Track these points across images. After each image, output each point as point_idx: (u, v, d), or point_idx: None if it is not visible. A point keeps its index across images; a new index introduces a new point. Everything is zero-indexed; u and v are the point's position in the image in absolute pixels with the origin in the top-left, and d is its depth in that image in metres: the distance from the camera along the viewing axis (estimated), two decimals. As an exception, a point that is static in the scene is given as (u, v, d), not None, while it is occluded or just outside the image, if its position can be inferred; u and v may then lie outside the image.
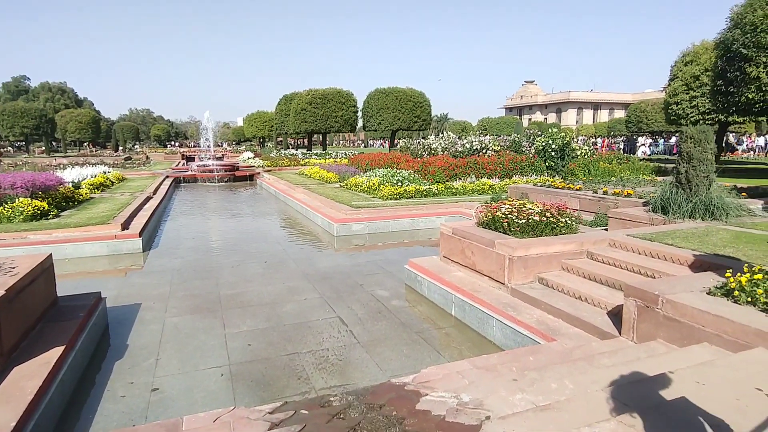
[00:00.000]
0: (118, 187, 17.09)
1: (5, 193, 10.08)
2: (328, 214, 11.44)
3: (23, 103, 55.44)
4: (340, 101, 42.65)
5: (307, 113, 42.35)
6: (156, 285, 7.10)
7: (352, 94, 43.94)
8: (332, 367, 4.49)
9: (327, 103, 42.21)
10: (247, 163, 30.78)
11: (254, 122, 70.08)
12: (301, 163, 29.64)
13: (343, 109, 42.78)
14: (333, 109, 42.33)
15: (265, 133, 68.65)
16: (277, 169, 27.49)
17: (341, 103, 42.67)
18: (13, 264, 4.54)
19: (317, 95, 42.53)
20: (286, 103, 49.03)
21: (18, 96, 74.10)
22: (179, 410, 3.76)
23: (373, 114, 43.41)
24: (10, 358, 3.78)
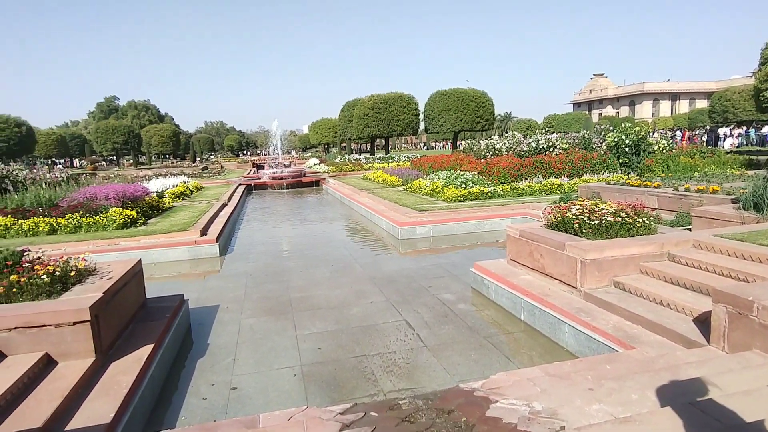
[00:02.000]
0: (197, 196, 18.24)
1: (101, 204, 11.09)
2: (392, 217, 11.53)
3: (114, 121, 60.73)
4: (402, 105, 42.88)
5: (370, 118, 42.96)
6: (232, 288, 7.50)
7: (413, 97, 44.04)
8: (400, 370, 4.52)
9: (389, 108, 42.59)
10: (313, 169, 31.72)
11: (319, 129, 72.14)
12: (364, 168, 30.10)
13: (405, 112, 42.97)
14: (395, 113, 42.64)
15: (329, 139, 70.46)
16: (342, 174, 28.10)
17: (402, 106, 42.89)
18: (109, 269, 4.99)
19: (379, 100, 43.03)
20: (349, 110, 50.05)
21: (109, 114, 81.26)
22: (255, 408, 3.96)
23: (435, 116, 43.23)
24: (107, 355, 4.16)
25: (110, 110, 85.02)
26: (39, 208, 11.17)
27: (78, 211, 10.74)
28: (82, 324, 3.83)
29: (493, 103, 43.70)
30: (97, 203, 11.15)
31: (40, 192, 12.53)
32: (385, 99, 42.97)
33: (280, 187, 25.21)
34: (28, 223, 10.26)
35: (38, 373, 3.63)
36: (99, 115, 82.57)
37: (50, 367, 3.76)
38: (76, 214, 10.60)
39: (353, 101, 50.04)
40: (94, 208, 10.93)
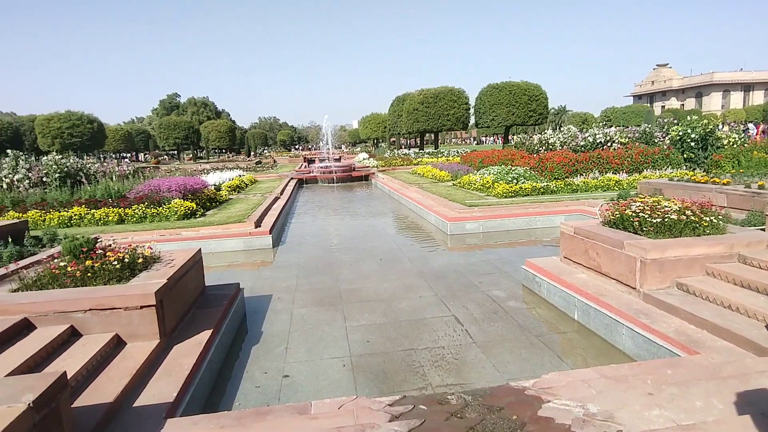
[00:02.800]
0: (251, 189, 18.88)
1: (164, 196, 11.72)
2: (442, 212, 11.46)
3: (175, 117, 63.79)
4: (452, 99, 42.42)
5: (419, 113, 42.78)
6: (284, 278, 7.73)
7: (463, 91, 43.46)
8: (448, 365, 4.51)
9: (438, 102, 42.24)
10: (362, 164, 32.01)
11: (368, 124, 72.66)
12: (413, 163, 30.04)
13: (455, 107, 42.49)
14: (445, 108, 42.25)
15: (378, 134, 70.81)
16: (391, 168, 28.18)
17: (453, 101, 42.42)
18: (172, 257, 5.27)
19: (429, 95, 42.75)
20: (399, 104, 50.05)
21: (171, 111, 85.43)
22: (306, 395, 4.07)
23: (486, 110, 42.45)
24: (170, 338, 4.40)
25: (172, 107, 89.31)
26: (109, 199, 11.95)
27: (143, 202, 11.40)
28: (148, 308, 4.08)
29: (547, 97, 42.37)
30: (161, 195, 11.79)
31: (109, 184, 13.39)
32: (435, 93, 42.64)
33: (330, 182, 25.62)
34: (99, 213, 11.01)
35: (109, 352, 3.90)
36: (162, 112, 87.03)
37: (120, 347, 4.03)
38: (141, 205, 11.26)
39: (403, 96, 50.00)
40: (158, 199, 11.56)
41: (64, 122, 42.10)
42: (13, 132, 49.04)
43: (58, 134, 41.63)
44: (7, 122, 50.86)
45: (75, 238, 4.66)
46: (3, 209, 11.42)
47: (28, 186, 13.61)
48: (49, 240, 8.27)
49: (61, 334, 3.84)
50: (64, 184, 13.84)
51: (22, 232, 8.36)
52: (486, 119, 42.90)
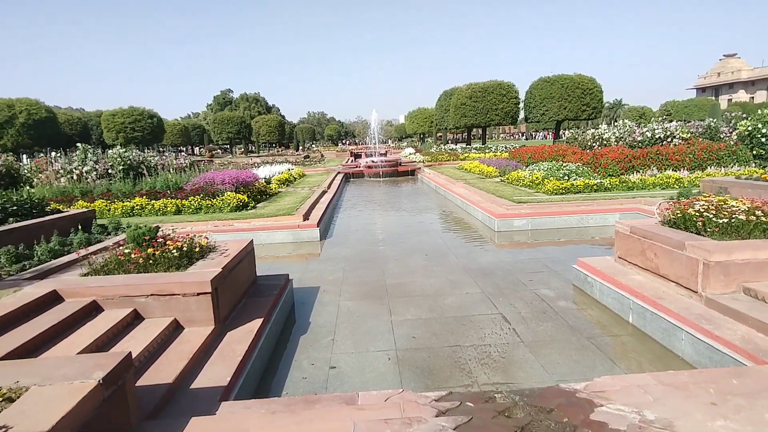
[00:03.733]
0: (299, 183, 19.29)
1: (217, 188, 12.18)
2: (489, 208, 11.27)
3: (228, 113, 66.05)
4: (501, 93, 41.54)
5: (467, 107, 42.20)
6: (331, 271, 7.86)
7: (513, 85, 42.45)
8: (495, 364, 4.45)
9: (487, 96, 41.49)
10: (408, 159, 31.97)
11: (415, 119, 72.39)
12: (460, 158, 29.72)
13: (504, 101, 41.59)
14: (493, 102, 41.45)
15: (425, 129, 70.46)
16: (437, 164, 27.99)
17: (502, 95, 41.53)
18: (226, 247, 5.48)
19: (477, 89, 42.07)
20: (446, 99, 49.57)
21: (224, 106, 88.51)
22: (353, 386, 4.14)
23: (536, 104, 41.33)
24: (224, 325, 4.59)
25: (225, 102, 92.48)
26: (167, 191, 12.55)
27: (199, 194, 11.90)
28: (204, 295, 4.27)
29: (602, 90, 40.73)
30: (215, 187, 12.26)
31: (168, 176, 14.06)
32: (483, 87, 41.91)
33: (376, 176, 25.75)
34: (158, 204, 11.59)
35: (169, 335, 4.11)
36: (216, 107, 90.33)
37: (178, 331, 4.25)
38: (197, 197, 11.76)
39: (451, 90, 49.47)
40: (212, 192, 12.03)
41: (127, 117, 44.56)
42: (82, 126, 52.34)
43: (121, 129, 44.10)
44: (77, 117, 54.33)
45: (138, 227, 4.93)
46: (73, 199, 12.23)
47: (95, 177, 14.51)
48: (114, 228, 8.80)
49: (126, 316, 4.09)
50: (128, 176, 14.67)
51: (90, 221, 8.93)
52: (536, 114, 41.76)
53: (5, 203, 7.81)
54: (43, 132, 35.53)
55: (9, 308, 3.74)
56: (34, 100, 36.24)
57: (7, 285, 4.46)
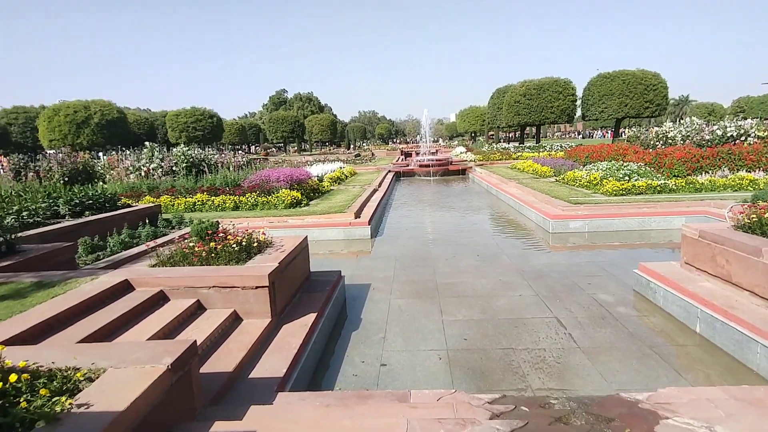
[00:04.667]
0: (351, 181, 19.55)
1: (273, 186, 12.56)
2: (543, 209, 10.96)
3: (283, 112, 67.91)
4: (557, 90, 40.21)
5: (521, 105, 41.20)
6: (382, 269, 7.92)
7: (570, 82, 40.96)
8: (549, 369, 4.33)
9: (542, 94, 40.30)
10: (459, 158, 31.63)
11: (466, 117, 71.50)
12: (513, 157, 29.07)
13: (560, 98, 40.24)
14: (548, 100, 40.21)
15: (476, 127, 69.44)
16: (489, 163, 27.52)
17: (558, 92, 40.20)
18: (282, 243, 5.65)
19: (531, 86, 40.96)
20: (499, 97, 48.60)
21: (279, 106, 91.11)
22: (403, 384, 4.16)
23: (595, 102, 39.70)
24: (280, 318, 4.74)
25: (280, 102, 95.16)
26: (226, 188, 13.09)
27: (255, 191, 12.33)
28: (261, 289, 4.42)
29: (667, 86, 38.52)
30: (270, 185, 12.66)
31: (227, 174, 14.65)
32: (538, 84, 40.74)
33: (427, 175, 25.66)
34: (218, 200, 12.11)
35: (228, 326, 4.30)
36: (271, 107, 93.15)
37: (237, 322, 4.43)
38: (253, 193, 12.19)
39: (504, 88, 48.45)
40: (268, 189, 12.43)
41: (189, 117, 46.82)
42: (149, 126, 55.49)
43: (184, 128, 46.40)
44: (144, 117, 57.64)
45: (201, 221, 5.18)
46: (141, 194, 13.01)
47: (161, 174, 15.37)
48: (177, 223, 9.29)
49: (190, 306, 4.31)
50: (190, 173, 15.42)
51: (156, 215, 9.47)
52: (595, 111, 40.12)
53: (83, 198, 8.42)
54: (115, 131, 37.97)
55: (87, 295, 4.04)
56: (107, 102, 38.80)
57: (85, 273, 4.80)
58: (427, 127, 36.94)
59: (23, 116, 47.09)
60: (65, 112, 36.16)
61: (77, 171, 13.30)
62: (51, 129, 36.07)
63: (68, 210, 8.08)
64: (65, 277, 4.64)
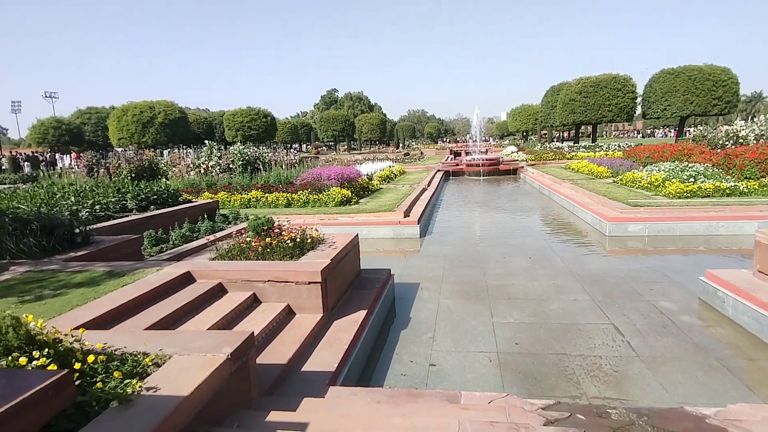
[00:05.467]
0: (399, 180, 19.58)
1: (324, 183, 12.81)
2: (600, 211, 10.55)
3: (334, 111, 69.07)
4: (615, 88, 38.47)
5: (576, 103, 39.77)
6: (431, 268, 7.89)
7: (630, 78, 39.07)
8: (606, 377, 4.17)
9: (599, 91, 38.71)
10: (510, 157, 30.96)
11: (518, 116, 69.86)
12: (566, 157, 28.13)
13: (619, 96, 38.48)
14: (606, 98, 38.55)
15: (528, 126, 67.71)
16: (541, 163, 26.77)
17: (616, 89, 38.46)
18: (333, 240, 5.75)
19: (588, 83, 39.43)
20: (553, 95, 47.17)
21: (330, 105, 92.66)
22: (452, 384, 4.14)
23: (657, 99, 37.73)
24: (331, 314, 4.83)
25: (331, 101, 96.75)
26: (279, 185, 13.47)
27: (307, 188, 12.61)
28: (314, 284, 4.52)
29: (738, 82, 35.98)
30: (321, 183, 12.91)
31: (280, 171, 15.09)
32: (595, 81, 39.17)
33: (477, 175, 25.30)
34: (271, 197, 12.48)
35: (282, 319, 4.43)
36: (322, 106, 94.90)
37: (290, 316, 4.55)
38: (305, 191, 12.47)
39: (558, 86, 46.96)
40: (319, 186, 12.68)
41: (245, 117, 48.53)
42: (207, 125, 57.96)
43: (240, 127, 48.13)
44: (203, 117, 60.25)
45: (258, 218, 5.36)
46: (200, 190, 13.62)
47: (218, 171, 16.03)
48: (234, 218, 9.65)
49: (246, 299, 4.47)
50: (245, 171, 15.99)
51: (214, 211, 9.89)
52: (656, 109, 38.13)
53: (148, 193, 8.92)
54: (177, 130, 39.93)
55: (153, 285, 4.28)
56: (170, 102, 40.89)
57: (150, 264, 5.09)
58: (478, 125, 36.39)
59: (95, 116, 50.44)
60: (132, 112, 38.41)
61: (143, 168, 14.11)
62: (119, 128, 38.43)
63: (135, 204, 8.58)
64: (133, 267, 4.93)
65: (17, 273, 4.73)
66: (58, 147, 44.38)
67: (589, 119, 40.13)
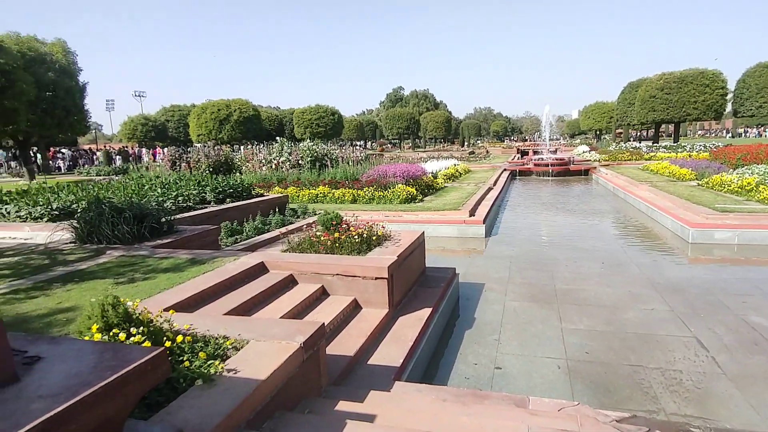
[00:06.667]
0: (465, 178, 19.34)
1: (389, 180, 12.92)
2: (682, 216, 9.84)
3: (399, 109, 69.41)
4: (703, 84, 35.59)
5: (657, 100, 37.25)
6: (496, 269, 7.74)
7: (720, 73, 35.97)
8: (687, 394, 3.90)
9: (684, 88, 35.99)
10: (581, 157, 29.62)
11: (591, 114, 66.54)
12: (644, 158, 26.44)
13: (706, 92, 35.56)
14: (692, 94, 35.77)
15: (602, 125, 64.33)
16: (616, 163, 25.36)
17: (704, 86, 35.57)
18: (399, 237, 5.79)
19: (671, 79, 36.79)
20: (631, 91, 44.48)
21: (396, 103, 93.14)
22: (519, 389, 4.05)
23: (751, 96, 34.56)
24: (396, 310, 4.88)
25: (396, 99, 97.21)
26: (345, 181, 13.74)
27: (372, 185, 12.78)
28: (381, 280, 4.59)
29: None
30: (387, 180, 13.03)
31: (346, 168, 15.39)
32: (680, 77, 36.47)
33: (545, 175, 24.45)
34: (338, 193, 12.78)
35: (349, 313, 4.54)
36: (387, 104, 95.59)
37: (357, 310, 4.65)
38: (370, 188, 12.65)
39: (637, 82, 44.19)
40: (384, 183, 12.81)
41: (313, 114, 49.92)
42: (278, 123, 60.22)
43: (308, 124, 49.58)
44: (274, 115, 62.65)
45: (327, 213, 5.52)
46: (271, 185, 14.21)
47: (288, 167, 16.64)
48: (302, 212, 9.99)
49: (316, 291, 4.63)
50: (314, 167, 16.47)
51: (284, 205, 10.28)
52: (750, 107, 34.92)
53: (225, 187, 9.44)
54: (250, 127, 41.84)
55: (230, 273, 4.54)
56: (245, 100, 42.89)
57: (227, 254, 5.40)
58: (547, 123, 35.11)
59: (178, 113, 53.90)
60: (210, 110, 40.69)
61: (220, 162, 14.93)
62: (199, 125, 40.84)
63: (213, 197, 9.11)
64: (212, 256, 5.25)
65: (113, 257, 5.19)
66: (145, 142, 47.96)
67: (671, 117, 37.47)
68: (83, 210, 6.39)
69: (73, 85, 20.71)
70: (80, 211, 6.62)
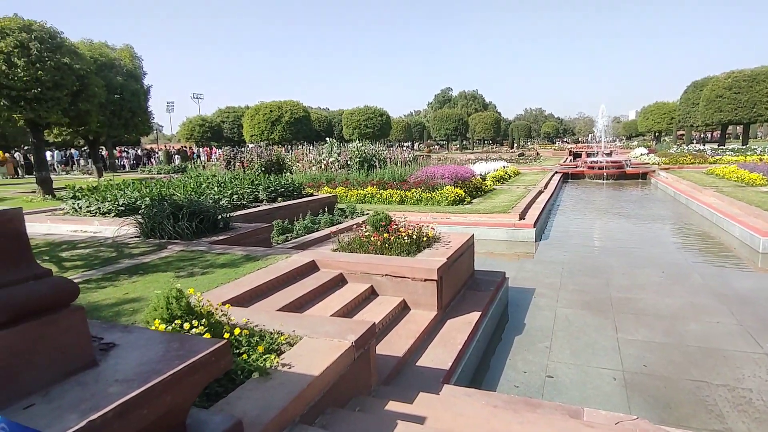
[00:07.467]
0: (514, 181, 18.94)
1: (437, 182, 12.85)
2: (752, 224, 9.21)
3: (447, 110, 68.82)
4: (777, 81, 33.13)
5: (724, 100, 35.04)
6: (547, 274, 7.54)
7: (797, 71, 33.39)
8: (758, 414, 3.65)
9: (755, 87, 33.67)
10: (639, 160, 28.32)
11: (650, 115, 63.37)
12: (709, 161, 24.92)
13: (781, 91, 33.07)
14: (763, 93, 33.40)
15: (662, 126, 61.15)
16: (677, 167, 24.06)
17: (778, 84, 33.10)
18: (449, 239, 5.76)
19: (741, 77, 34.51)
20: (695, 91, 42.05)
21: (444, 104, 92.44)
22: (572, 399, 3.92)
23: (834, 94, 31.76)
24: (445, 312, 4.85)
25: (445, 100, 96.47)
26: (393, 182, 13.79)
27: (420, 186, 12.75)
28: (430, 282, 4.58)
29: None
30: (434, 181, 12.96)
31: (394, 169, 15.42)
32: (750, 75, 34.16)
33: (599, 178, 23.54)
34: (385, 194, 12.84)
35: (398, 314, 4.55)
36: (435, 105, 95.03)
37: (405, 311, 4.66)
38: (418, 189, 12.62)
39: (702, 81, 41.74)
40: (432, 185, 12.75)
41: (362, 115, 50.44)
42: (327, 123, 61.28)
43: (357, 125, 50.13)
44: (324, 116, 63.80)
45: (377, 213, 5.56)
46: (321, 185, 14.47)
47: (337, 167, 16.87)
48: (350, 212, 10.11)
49: (365, 290, 4.67)
50: (362, 167, 16.60)
51: (333, 204, 10.44)
52: (832, 107, 32.13)
53: (276, 186, 9.70)
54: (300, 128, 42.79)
55: (283, 270, 4.66)
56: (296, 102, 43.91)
57: (279, 252, 5.55)
58: (602, 125, 33.79)
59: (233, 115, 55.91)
60: (263, 112, 41.94)
61: (272, 162, 15.35)
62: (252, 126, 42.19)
63: (266, 196, 9.39)
64: (266, 253, 5.41)
65: (173, 251, 5.45)
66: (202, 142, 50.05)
67: (739, 118, 35.13)
68: (147, 206, 6.76)
69: (138, 88, 21.91)
70: (144, 207, 7.01)
